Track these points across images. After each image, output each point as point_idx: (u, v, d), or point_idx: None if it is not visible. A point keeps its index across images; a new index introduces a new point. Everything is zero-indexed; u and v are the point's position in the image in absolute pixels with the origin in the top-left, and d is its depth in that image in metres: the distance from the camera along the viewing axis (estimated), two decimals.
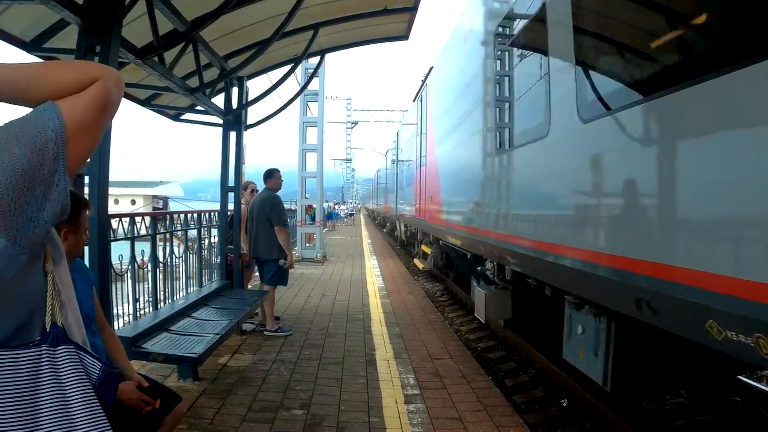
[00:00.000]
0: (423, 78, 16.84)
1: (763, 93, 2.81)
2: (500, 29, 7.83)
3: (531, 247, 6.23)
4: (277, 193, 9.37)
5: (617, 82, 4.61)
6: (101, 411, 1.62)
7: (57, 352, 1.59)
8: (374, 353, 7.96)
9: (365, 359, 7.66)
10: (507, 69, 7.66)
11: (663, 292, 3.56)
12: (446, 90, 12.48)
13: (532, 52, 6.64)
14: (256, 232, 9.15)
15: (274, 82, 10.19)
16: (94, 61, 4.53)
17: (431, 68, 15.24)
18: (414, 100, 19.65)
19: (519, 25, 7.05)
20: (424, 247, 17.73)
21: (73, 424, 1.54)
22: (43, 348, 1.56)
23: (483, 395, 6.35)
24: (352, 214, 69.92)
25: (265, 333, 8.92)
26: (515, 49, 7.25)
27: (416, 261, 19.35)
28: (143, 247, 7.83)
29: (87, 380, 1.63)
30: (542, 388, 7.76)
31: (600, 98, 4.68)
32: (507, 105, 7.67)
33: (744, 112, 2.99)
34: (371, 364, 7.45)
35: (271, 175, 9.37)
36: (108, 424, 1.62)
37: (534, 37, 6.46)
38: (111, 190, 5.37)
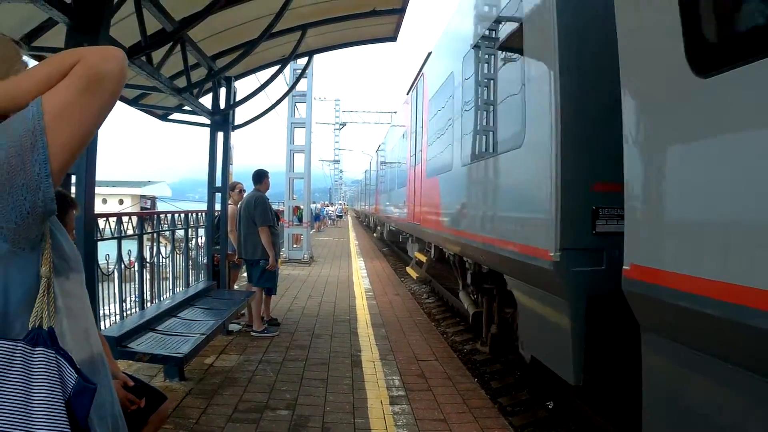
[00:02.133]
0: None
1: None
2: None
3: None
4: (265, 194, 9.39)
5: None
6: (66, 421, 1.55)
7: (34, 353, 1.56)
8: (360, 354, 7.99)
9: (351, 360, 7.68)
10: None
11: None
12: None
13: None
14: (243, 233, 9.16)
15: (262, 83, 10.21)
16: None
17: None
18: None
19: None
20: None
21: (30, 427, 1.50)
22: (20, 344, 1.54)
23: (468, 397, 6.37)
24: (340, 216, 69.39)
25: (252, 334, 8.93)
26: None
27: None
28: (130, 247, 7.81)
29: (59, 387, 1.58)
30: (528, 391, 7.79)
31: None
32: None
33: None
34: (357, 365, 7.48)
35: (261, 180, 9.38)
36: None
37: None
38: (99, 190, 5.38)
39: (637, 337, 3.60)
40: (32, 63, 1.85)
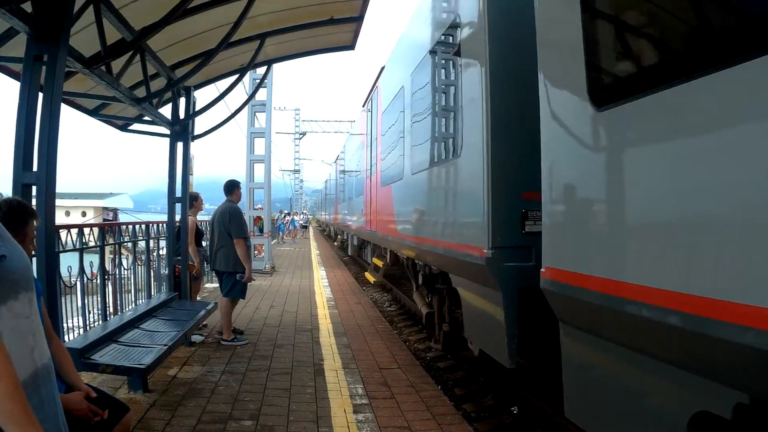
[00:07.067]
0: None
1: None
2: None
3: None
4: (237, 204, 9.40)
5: None
6: None
7: None
8: (323, 363, 7.99)
9: (314, 369, 7.68)
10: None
11: None
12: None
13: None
14: (215, 244, 9.14)
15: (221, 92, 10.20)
16: None
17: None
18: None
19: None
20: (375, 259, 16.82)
21: None
22: None
23: (432, 404, 6.43)
24: (306, 227, 68.42)
25: (222, 343, 8.93)
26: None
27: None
28: (93, 259, 7.76)
29: None
30: (492, 396, 7.84)
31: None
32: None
33: None
34: (320, 374, 7.48)
35: (232, 191, 9.42)
36: None
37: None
38: (62, 202, 5.39)
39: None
40: None
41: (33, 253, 3.73)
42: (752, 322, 2.26)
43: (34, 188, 4.88)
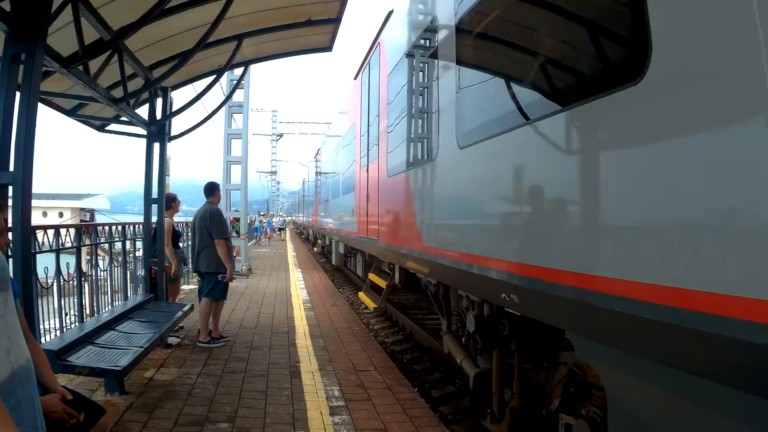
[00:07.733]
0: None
1: None
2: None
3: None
4: (218, 205, 9.39)
5: None
6: None
7: None
8: (299, 365, 7.98)
9: (290, 372, 7.67)
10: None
11: None
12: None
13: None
14: (197, 246, 9.13)
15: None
16: None
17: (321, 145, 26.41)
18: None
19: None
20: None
21: None
22: None
23: (408, 406, 6.44)
24: (283, 228, 67.49)
25: (198, 344, 8.92)
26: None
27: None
28: (69, 260, 7.71)
29: None
30: (469, 398, 7.88)
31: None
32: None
33: None
34: (296, 376, 7.47)
35: (213, 193, 9.45)
36: None
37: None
38: (39, 203, 5.36)
39: None
40: None
41: (9, 253, 3.70)
42: None
43: (10, 188, 4.84)
